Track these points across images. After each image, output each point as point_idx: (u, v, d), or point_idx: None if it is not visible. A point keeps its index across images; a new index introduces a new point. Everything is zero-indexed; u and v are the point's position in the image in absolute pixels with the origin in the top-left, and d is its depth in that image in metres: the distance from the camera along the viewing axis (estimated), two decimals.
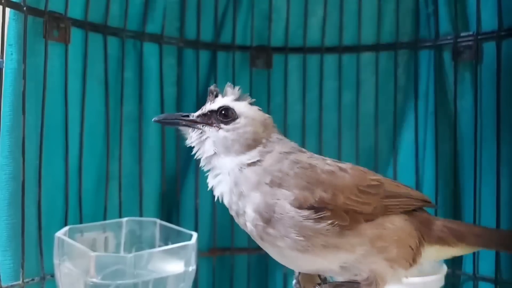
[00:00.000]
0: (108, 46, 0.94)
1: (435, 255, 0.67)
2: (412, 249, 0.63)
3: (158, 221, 0.85)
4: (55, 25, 0.84)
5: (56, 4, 0.84)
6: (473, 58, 0.89)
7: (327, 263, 0.60)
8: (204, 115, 0.64)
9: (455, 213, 0.91)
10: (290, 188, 0.58)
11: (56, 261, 0.74)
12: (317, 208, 0.57)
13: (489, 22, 0.87)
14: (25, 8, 0.78)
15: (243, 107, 0.64)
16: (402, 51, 1.01)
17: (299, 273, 0.70)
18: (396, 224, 0.62)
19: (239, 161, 0.62)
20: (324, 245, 0.58)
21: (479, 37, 0.88)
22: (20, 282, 0.77)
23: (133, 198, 0.97)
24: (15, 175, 0.78)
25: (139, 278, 0.68)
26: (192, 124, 0.64)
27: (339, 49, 1.05)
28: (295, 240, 0.58)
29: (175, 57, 1.02)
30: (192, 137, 0.65)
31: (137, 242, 0.85)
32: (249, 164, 0.61)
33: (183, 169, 1.03)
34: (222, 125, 0.63)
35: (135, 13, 0.97)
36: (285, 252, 0.60)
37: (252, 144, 0.62)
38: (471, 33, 0.90)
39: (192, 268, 0.75)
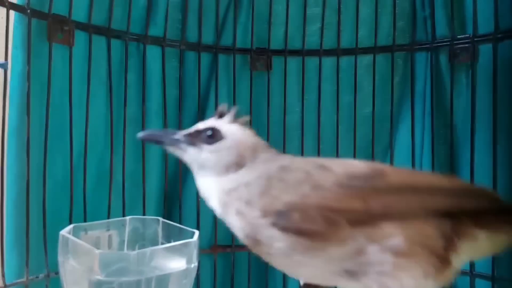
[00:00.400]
0: (111, 48, 0.95)
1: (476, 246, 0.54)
2: (437, 246, 0.51)
3: (161, 219, 0.86)
4: (59, 27, 0.85)
5: (60, 7, 0.85)
6: (469, 60, 0.89)
7: (326, 271, 0.54)
8: (190, 134, 0.63)
9: None
10: (258, 202, 0.55)
11: (60, 258, 0.74)
12: (284, 212, 0.53)
13: (485, 24, 0.88)
14: (29, 11, 0.79)
15: (233, 129, 0.62)
16: (399, 53, 1.02)
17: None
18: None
19: (221, 184, 0.60)
20: (308, 249, 0.52)
21: (475, 39, 0.89)
22: (25, 279, 0.78)
23: (136, 197, 0.98)
24: (22, 175, 0.79)
25: (142, 275, 0.69)
26: (175, 143, 0.63)
27: (337, 52, 1.06)
28: (278, 252, 0.55)
29: (177, 60, 1.04)
30: (178, 155, 0.65)
31: (140, 240, 0.85)
32: (230, 189, 0.59)
33: (185, 169, 1.03)
34: (204, 146, 0.62)
35: (138, 16, 0.98)
36: (278, 263, 0.58)
37: (235, 165, 0.60)
38: (467, 35, 0.91)
39: (194, 265, 0.75)
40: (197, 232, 0.77)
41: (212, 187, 0.61)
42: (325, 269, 0.54)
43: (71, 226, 0.78)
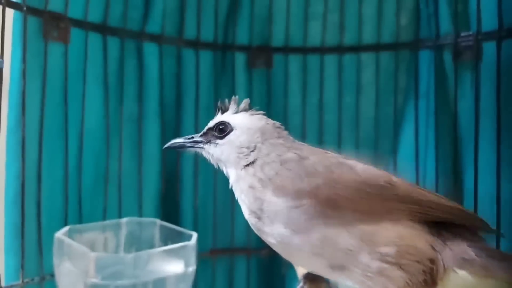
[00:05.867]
0: (107, 46, 0.94)
1: (459, 283, 0.57)
2: (424, 256, 0.56)
3: (158, 221, 0.85)
4: (54, 25, 0.84)
5: (56, 4, 0.84)
6: (473, 58, 0.89)
7: (316, 258, 0.58)
8: (204, 134, 0.70)
9: None
10: (273, 183, 0.60)
11: (55, 261, 0.73)
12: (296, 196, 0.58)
13: (489, 22, 0.87)
14: (24, 8, 0.78)
15: (239, 119, 0.68)
16: (403, 51, 1.02)
17: (304, 282, 0.70)
18: (400, 226, 0.57)
19: (240, 169, 0.66)
20: (307, 234, 0.57)
21: (479, 37, 0.88)
22: (20, 282, 0.77)
23: (133, 199, 0.97)
24: (19, 175, 0.78)
25: (138, 279, 0.68)
26: (195, 144, 0.70)
27: (339, 49, 1.05)
28: (281, 233, 0.59)
29: (175, 57, 1.02)
30: (204, 155, 0.71)
31: (136, 243, 0.84)
32: (246, 170, 0.65)
33: (183, 170, 1.03)
34: (217, 141, 0.68)
35: (135, 13, 0.97)
36: (278, 246, 0.61)
37: (248, 150, 0.66)
38: (471, 33, 0.90)
39: (192, 268, 0.75)
40: (195, 235, 0.77)
41: (233, 175, 0.67)
42: (316, 259, 0.59)
43: (67, 228, 0.77)
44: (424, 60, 0.98)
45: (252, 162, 0.65)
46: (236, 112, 0.69)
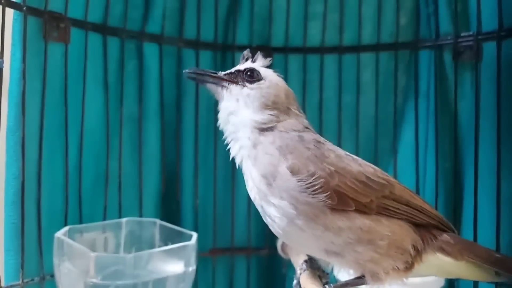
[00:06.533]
0: (108, 46, 0.94)
1: (436, 264, 0.66)
2: (408, 249, 0.62)
3: (158, 221, 0.85)
4: (54, 25, 0.84)
5: (56, 4, 0.84)
6: (473, 58, 0.88)
7: (314, 240, 0.60)
8: (231, 73, 0.68)
9: (455, 214, 0.91)
10: (290, 157, 0.61)
11: (55, 261, 0.74)
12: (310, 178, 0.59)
13: (489, 22, 0.86)
14: (24, 8, 0.78)
15: (269, 73, 0.68)
16: (402, 51, 1.01)
17: (300, 273, 0.70)
18: (392, 223, 0.62)
19: (258, 120, 0.64)
20: (312, 218, 0.59)
21: (479, 37, 0.88)
22: (20, 282, 0.77)
23: (133, 198, 0.97)
24: (19, 175, 0.78)
25: (138, 279, 0.68)
26: (219, 81, 0.67)
27: (339, 49, 1.05)
28: (287, 209, 0.59)
29: (175, 57, 1.02)
30: (218, 94, 0.68)
31: (136, 243, 0.85)
32: (267, 128, 0.64)
33: (183, 170, 1.03)
34: (246, 84, 0.66)
35: (135, 13, 0.97)
36: (279, 222, 0.61)
37: (272, 106, 0.66)
38: (471, 33, 0.89)
39: (192, 268, 0.75)
40: (195, 235, 0.77)
41: (247, 123, 0.65)
42: (313, 243, 0.61)
43: (67, 228, 0.77)
44: (424, 60, 0.98)
45: (272, 128, 0.64)
46: (264, 67, 0.69)
